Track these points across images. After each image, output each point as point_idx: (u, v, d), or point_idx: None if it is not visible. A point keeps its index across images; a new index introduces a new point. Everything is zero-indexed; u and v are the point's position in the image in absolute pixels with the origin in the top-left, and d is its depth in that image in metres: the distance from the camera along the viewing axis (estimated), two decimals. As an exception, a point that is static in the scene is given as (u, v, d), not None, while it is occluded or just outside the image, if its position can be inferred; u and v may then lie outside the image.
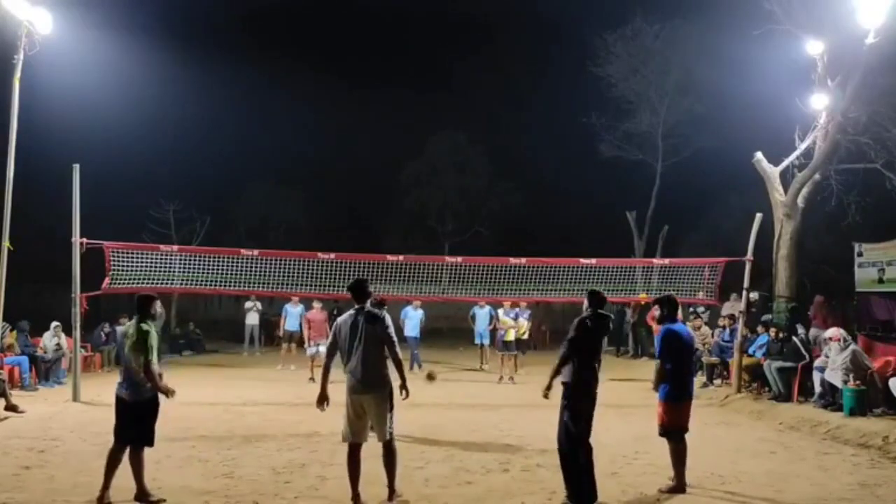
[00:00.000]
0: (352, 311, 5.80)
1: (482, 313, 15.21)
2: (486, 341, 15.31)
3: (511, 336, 13.76)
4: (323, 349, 13.25)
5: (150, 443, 5.83)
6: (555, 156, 30.26)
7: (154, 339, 5.83)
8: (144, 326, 5.83)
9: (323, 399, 5.79)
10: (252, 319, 18.47)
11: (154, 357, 5.79)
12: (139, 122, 24.82)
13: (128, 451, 5.78)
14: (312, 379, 12.90)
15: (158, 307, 6.17)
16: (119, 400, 5.85)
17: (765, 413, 10.21)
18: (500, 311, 14.03)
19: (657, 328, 6.90)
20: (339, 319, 5.89)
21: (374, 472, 5.79)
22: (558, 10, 30.78)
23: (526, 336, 14.61)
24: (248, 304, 18.44)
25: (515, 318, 13.87)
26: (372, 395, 5.62)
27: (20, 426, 8.83)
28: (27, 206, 12.80)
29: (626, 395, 11.99)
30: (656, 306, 6.81)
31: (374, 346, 5.64)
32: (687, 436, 6.31)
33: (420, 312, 15.35)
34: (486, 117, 31.82)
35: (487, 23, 34.45)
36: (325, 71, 32.46)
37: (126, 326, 6.13)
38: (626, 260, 16.16)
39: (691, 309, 14.45)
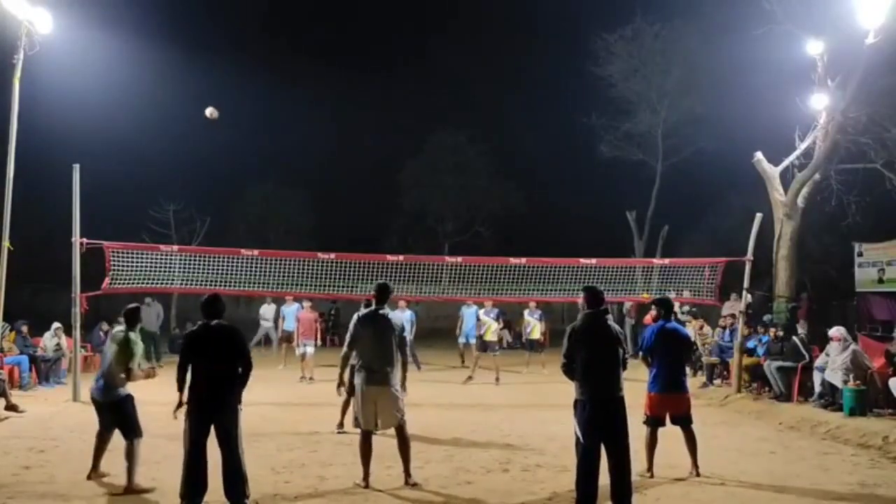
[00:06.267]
0: (371, 311, 6.23)
1: (469, 313, 15.09)
2: (473, 340, 15.32)
3: (491, 336, 13.54)
4: (310, 349, 13.41)
5: (139, 433, 6.03)
6: (555, 156, 30.28)
7: (139, 348, 6.22)
8: (132, 336, 6.19)
9: (342, 385, 6.56)
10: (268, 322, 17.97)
11: (135, 364, 6.14)
12: (139, 122, 24.82)
13: (124, 445, 5.96)
14: (304, 378, 13.21)
15: (144, 312, 6.68)
16: (93, 400, 6.21)
17: (765, 413, 10.19)
18: (481, 312, 13.65)
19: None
20: (358, 317, 6.22)
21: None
22: (559, 9, 30.84)
23: (540, 337, 14.55)
24: (265, 308, 17.71)
25: (497, 319, 13.75)
26: (385, 387, 6.06)
27: (20, 426, 8.82)
28: (27, 206, 12.81)
29: (627, 394, 11.91)
30: (654, 308, 6.98)
31: (391, 344, 6.13)
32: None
33: (408, 314, 14.24)
34: (486, 117, 31.83)
35: (488, 23, 34.54)
36: (324, 71, 32.51)
37: (115, 332, 6.42)
38: (626, 260, 16.16)
39: (684, 310, 14.42)
